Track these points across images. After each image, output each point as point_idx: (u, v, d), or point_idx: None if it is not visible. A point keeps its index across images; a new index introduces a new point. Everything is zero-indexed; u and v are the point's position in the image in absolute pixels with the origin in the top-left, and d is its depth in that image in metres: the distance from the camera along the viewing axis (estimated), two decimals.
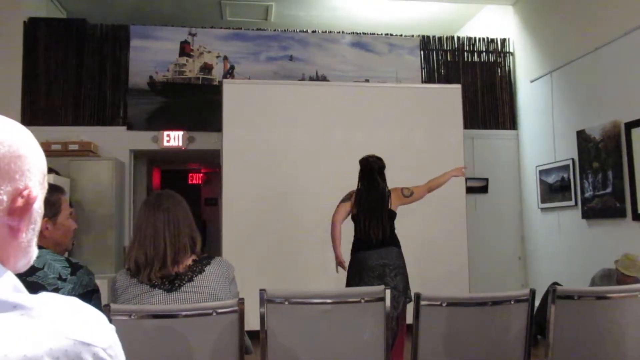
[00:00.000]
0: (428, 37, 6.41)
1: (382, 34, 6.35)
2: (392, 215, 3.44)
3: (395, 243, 3.40)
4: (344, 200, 3.49)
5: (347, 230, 3.55)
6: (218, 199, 6.68)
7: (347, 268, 3.43)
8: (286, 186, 4.98)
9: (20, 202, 0.68)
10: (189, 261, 1.88)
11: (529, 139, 6.02)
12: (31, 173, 0.70)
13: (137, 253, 1.86)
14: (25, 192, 0.68)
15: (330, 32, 6.31)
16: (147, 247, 1.85)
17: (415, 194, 3.53)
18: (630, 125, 4.40)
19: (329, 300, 2.13)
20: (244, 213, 4.85)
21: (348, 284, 3.37)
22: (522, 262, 6.04)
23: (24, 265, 0.71)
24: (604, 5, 4.83)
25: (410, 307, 2.67)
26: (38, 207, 0.72)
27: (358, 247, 3.40)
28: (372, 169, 3.44)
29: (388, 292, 2.12)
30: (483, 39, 6.45)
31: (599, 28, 4.83)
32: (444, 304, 2.15)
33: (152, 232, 1.86)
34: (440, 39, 6.44)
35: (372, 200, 3.39)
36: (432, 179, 3.68)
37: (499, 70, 6.42)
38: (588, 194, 4.91)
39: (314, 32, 6.27)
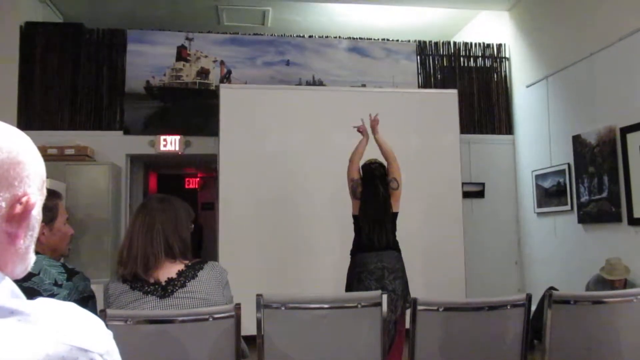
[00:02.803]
0: (424, 42, 6.43)
1: (378, 39, 6.37)
2: (394, 217, 3.45)
3: (395, 247, 3.41)
4: (359, 178, 3.48)
5: (346, 231, 3.55)
6: (214, 203, 6.67)
7: (348, 269, 3.44)
8: (283, 191, 4.98)
9: (18, 208, 0.68)
10: (174, 268, 1.86)
11: (525, 143, 6.03)
12: (30, 179, 0.70)
13: (118, 253, 1.89)
14: (23, 199, 0.68)
15: (327, 37, 6.33)
16: (124, 248, 1.87)
17: (397, 178, 3.45)
18: (625, 130, 4.42)
19: (325, 305, 2.13)
20: (241, 217, 4.84)
21: (348, 287, 3.37)
22: (518, 267, 6.05)
23: (21, 271, 0.71)
24: (599, 11, 4.86)
25: (407, 312, 2.67)
26: (36, 213, 0.72)
27: (358, 249, 3.41)
28: (373, 176, 3.45)
29: (385, 297, 2.12)
30: (479, 44, 6.48)
31: (594, 33, 4.86)
32: (440, 309, 2.15)
33: (130, 233, 1.88)
34: (436, 44, 6.46)
35: (374, 207, 3.39)
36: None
37: (495, 75, 6.45)
38: (584, 199, 4.93)
39: (310, 37, 6.28)
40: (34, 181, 0.71)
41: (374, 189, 3.42)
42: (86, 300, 1.82)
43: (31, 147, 0.72)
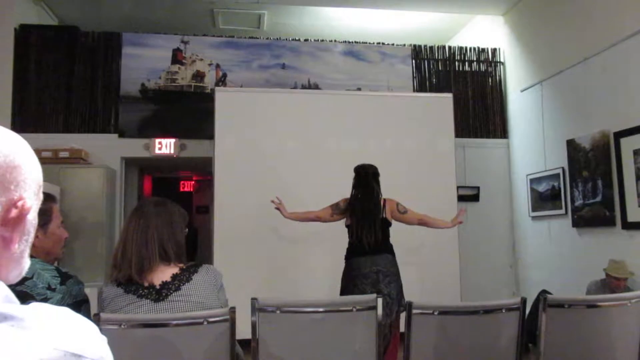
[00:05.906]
0: (420, 46, 6.46)
1: (374, 43, 6.38)
2: (386, 223, 3.47)
3: (389, 250, 3.42)
4: (331, 205, 3.54)
5: (341, 235, 3.55)
6: (209, 206, 6.66)
7: (343, 273, 3.45)
8: (278, 194, 4.96)
9: (14, 212, 0.68)
10: (168, 271, 1.85)
11: (520, 147, 6.06)
12: (26, 184, 0.70)
13: (113, 256, 1.89)
14: (19, 203, 0.68)
15: (323, 40, 6.34)
16: (118, 251, 1.86)
17: (407, 215, 3.56)
18: (619, 135, 4.45)
19: (320, 309, 2.13)
20: (236, 221, 4.83)
21: (343, 291, 3.38)
22: (513, 271, 6.06)
23: (16, 276, 0.71)
24: (593, 16, 4.89)
25: (402, 316, 2.67)
26: (32, 218, 0.71)
27: (351, 253, 3.42)
28: (367, 174, 3.49)
29: (380, 300, 2.12)
30: (474, 48, 6.51)
31: (588, 38, 4.89)
32: (435, 313, 2.15)
33: (124, 236, 1.88)
34: (431, 48, 6.48)
35: (365, 206, 3.42)
36: (429, 217, 3.68)
37: (490, 80, 6.47)
38: (578, 203, 4.95)
39: (306, 40, 6.29)
40: (30, 185, 0.71)
41: (367, 187, 3.46)
42: (80, 305, 1.81)
43: (28, 151, 0.72)
